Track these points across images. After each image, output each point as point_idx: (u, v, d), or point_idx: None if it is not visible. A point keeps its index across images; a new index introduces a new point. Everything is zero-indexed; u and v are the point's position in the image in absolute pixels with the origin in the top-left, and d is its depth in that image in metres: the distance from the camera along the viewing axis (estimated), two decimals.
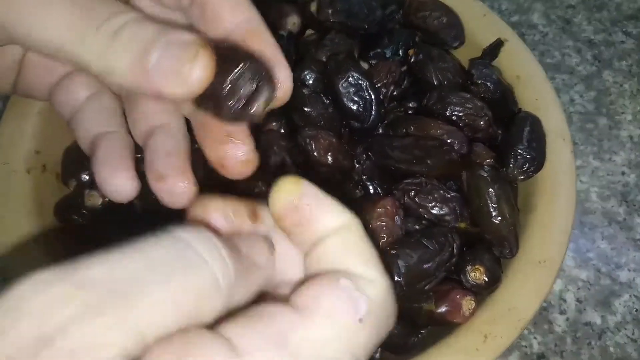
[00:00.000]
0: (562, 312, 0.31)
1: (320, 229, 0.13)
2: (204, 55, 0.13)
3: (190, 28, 0.17)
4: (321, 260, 0.13)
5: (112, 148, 0.17)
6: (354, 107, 0.27)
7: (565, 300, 0.32)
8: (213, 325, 0.11)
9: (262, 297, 0.13)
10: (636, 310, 0.32)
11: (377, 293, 0.12)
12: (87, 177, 0.27)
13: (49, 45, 0.13)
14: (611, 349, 0.30)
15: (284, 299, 0.12)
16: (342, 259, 0.13)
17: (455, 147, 0.26)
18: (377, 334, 0.12)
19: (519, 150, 0.26)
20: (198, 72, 0.13)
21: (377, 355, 0.25)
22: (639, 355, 0.30)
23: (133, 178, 0.17)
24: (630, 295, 0.32)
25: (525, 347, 0.30)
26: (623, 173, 0.36)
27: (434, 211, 0.24)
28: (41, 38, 0.14)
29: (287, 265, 0.14)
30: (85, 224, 0.27)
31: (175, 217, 0.14)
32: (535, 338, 0.30)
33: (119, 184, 0.16)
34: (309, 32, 0.33)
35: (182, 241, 0.11)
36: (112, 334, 0.09)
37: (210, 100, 0.14)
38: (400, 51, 0.31)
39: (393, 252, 0.23)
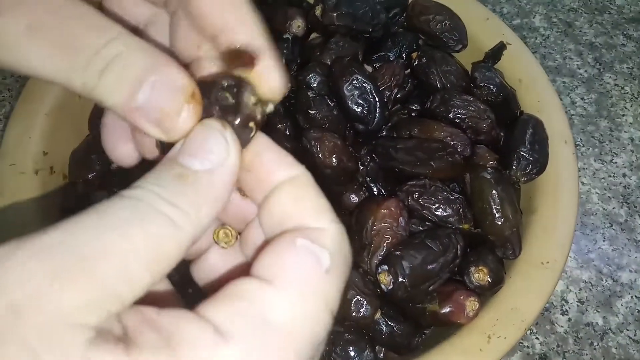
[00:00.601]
0: (564, 313, 0.32)
1: (271, 179, 0.13)
2: (190, 108, 0.13)
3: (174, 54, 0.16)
4: (274, 214, 0.13)
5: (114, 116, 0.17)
6: (358, 110, 0.27)
7: (567, 301, 0.32)
8: (193, 306, 0.11)
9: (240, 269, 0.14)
10: (638, 311, 0.32)
11: (333, 240, 0.12)
12: (94, 178, 0.27)
13: (38, 75, 0.13)
14: (613, 349, 0.31)
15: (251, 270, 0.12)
16: (293, 212, 0.13)
17: (459, 149, 0.26)
18: (343, 277, 0.12)
19: (521, 153, 0.26)
20: (181, 124, 0.13)
21: (381, 355, 0.25)
22: None
23: (133, 148, 0.17)
24: (631, 296, 0.32)
25: (528, 347, 0.30)
26: (624, 175, 0.36)
27: (438, 213, 0.24)
28: (28, 71, 0.13)
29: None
30: None
31: None
32: (537, 338, 0.31)
33: (122, 152, 0.17)
34: (313, 35, 0.33)
35: (128, 198, 0.11)
36: (84, 296, 0.09)
37: None
38: (404, 54, 0.31)
39: (397, 253, 0.23)
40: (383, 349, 0.25)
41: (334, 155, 0.25)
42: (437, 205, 0.24)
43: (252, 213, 0.14)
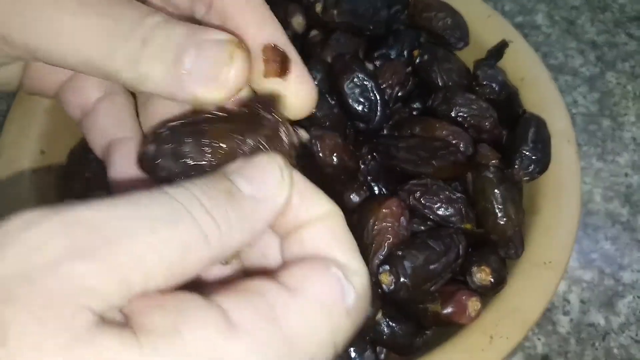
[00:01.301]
0: (565, 313, 0.31)
1: (303, 215, 0.13)
2: (239, 56, 0.13)
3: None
4: (305, 245, 0.13)
5: (127, 156, 0.17)
6: (359, 108, 0.27)
7: (569, 301, 0.32)
8: (207, 293, 0.11)
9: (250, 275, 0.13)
10: None
11: (361, 285, 0.12)
12: (92, 177, 0.27)
13: (76, 59, 0.13)
14: (615, 350, 0.30)
15: (271, 276, 0.12)
16: (328, 247, 0.13)
17: (461, 148, 0.26)
18: (357, 325, 0.12)
19: (524, 152, 0.26)
20: (234, 74, 0.13)
21: (382, 355, 0.25)
22: None
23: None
24: (634, 297, 0.32)
25: (529, 348, 0.30)
26: (626, 174, 0.36)
27: (440, 212, 0.24)
28: (67, 53, 0.13)
29: (266, 249, 0.14)
30: None
31: None
32: (539, 339, 0.30)
33: None
34: (313, 32, 0.33)
35: (168, 195, 0.11)
36: (95, 278, 0.09)
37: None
38: (405, 52, 0.31)
39: (399, 253, 0.23)
40: (384, 350, 0.25)
41: (335, 154, 0.25)
42: (439, 204, 0.24)
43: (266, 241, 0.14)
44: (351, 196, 0.27)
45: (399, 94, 0.30)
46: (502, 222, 0.24)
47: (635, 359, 0.30)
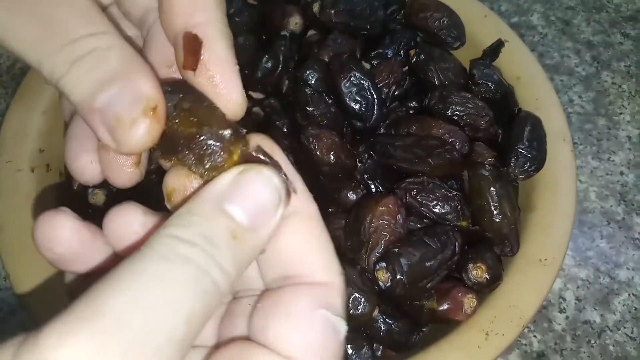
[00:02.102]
0: (561, 311, 0.32)
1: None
2: (142, 125, 0.12)
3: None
4: (284, 263, 0.12)
5: (83, 125, 0.15)
6: (356, 107, 0.27)
7: (564, 299, 0.32)
8: None
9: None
10: (635, 309, 0.32)
11: (342, 297, 0.12)
12: None
13: (8, 48, 0.12)
14: (611, 347, 0.31)
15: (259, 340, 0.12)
16: (302, 257, 0.12)
17: (457, 147, 0.26)
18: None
19: (519, 150, 0.26)
20: (133, 138, 0.12)
21: (379, 353, 0.25)
22: (638, 354, 0.31)
23: (95, 161, 0.15)
24: (629, 294, 0.32)
25: (525, 345, 0.30)
26: (622, 173, 0.37)
27: (436, 210, 0.24)
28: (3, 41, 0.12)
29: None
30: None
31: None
32: (535, 336, 0.31)
33: (82, 165, 0.15)
34: (311, 32, 0.33)
35: (184, 258, 0.10)
36: None
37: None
38: (402, 51, 0.31)
39: (395, 250, 0.23)
40: (381, 347, 0.25)
41: (332, 153, 0.25)
42: (435, 202, 0.24)
43: None
44: (348, 194, 0.27)
45: (396, 93, 0.30)
46: (497, 220, 0.24)
47: (630, 356, 0.31)
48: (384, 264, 0.23)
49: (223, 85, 0.13)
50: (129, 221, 0.13)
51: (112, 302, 0.09)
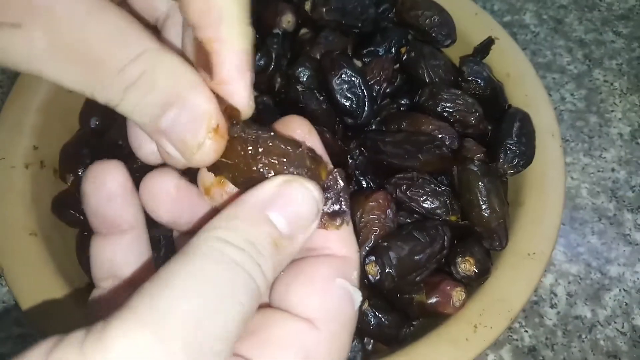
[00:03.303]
0: (552, 306, 0.32)
1: None
2: (210, 143, 0.12)
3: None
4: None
5: None
6: (347, 104, 0.28)
7: (556, 294, 0.32)
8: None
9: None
10: (626, 304, 0.32)
11: (358, 271, 0.13)
12: (84, 173, 0.27)
13: (62, 85, 0.12)
14: (601, 342, 0.31)
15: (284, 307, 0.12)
16: (324, 235, 0.13)
17: (446, 143, 0.26)
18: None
19: (508, 145, 0.26)
20: (200, 157, 0.12)
21: (370, 346, 0.25)
22: (628, 348, 0.31)
23: (156, 152, 0.15)
24: (620, 290, 0.32)
25: (517, 340, 0.30)
26: (613, 170, 0.37)
27: (425, 205, 0.25)
28: (52, 81, 0.12)
29: None
30: (82, 218, 0.27)
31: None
32: (526, 331, 0.31)
33: (144, 154, 0.15)
34: (303, 30, 0.33)
35: (231, 263, 0.11)
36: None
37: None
38: (393, 49, 0.31)
39: (385, 244, 0.23)
40: (372, 341, 0.25)
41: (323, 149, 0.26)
42: (425, 197, 0.25)
43: None
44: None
45: (387, 90, 0.30)
46: (486, 215, 0.24)
47: (621, 351, 0.31)
48: (373, 258, 0.23)
49: (232, 88, 0.13)
50: (164, 183, 0.14)
51: (170, 300, 0.10)
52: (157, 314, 0.10)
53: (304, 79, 0.29)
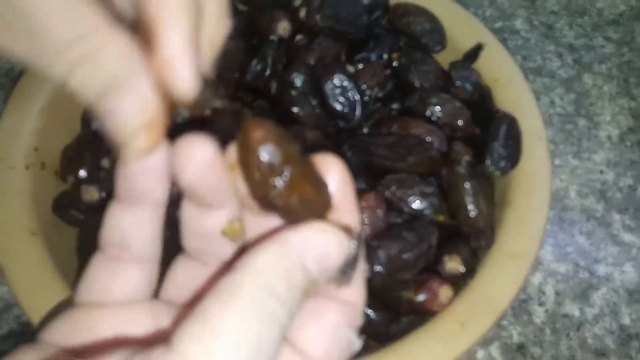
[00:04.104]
0: (541, 304, 0.33)
1: None
2: (146, 134, 0.12)
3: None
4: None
5: None
6: (340, 108, 0.29)
7: (544, 293, 0.33)
8: None
9: None
10: (614, 303, 0.33)
11: (362, 319, 0.15)
12: (84, 174, 0.28)
13: (8, 55, 0.12)
14: (589, 340, 0.32)
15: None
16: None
17: (435, 145, 0.27)
18: None
19: (495, 147, 0.27)
20: (135, 148, 0.13)
21: (361, 342, 0.26)
22: (616, 347, 0.32)
23: None
24: (608, 289, 0.33)
25: (505, 337, 0.31)
26: (602, 171, 0.38)
27: (414, 205, 0.25)
28: None
29: None
30: (83, 219, 0.28)
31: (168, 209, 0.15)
32: (515, 329, 0.32)
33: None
34: (299, 37, 0.34)
35: (270, 310, 0.12)
36: None
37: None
38: (385, 55, 0.32)
39: (374, 243, 0.24)
40: (364, 337, 0.26)
41: (316, 151, 0.26)
42: (413, 197, 0.25)
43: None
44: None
45: (379, 94, 0.31)
46: (473, 215, 0.25)
47: (609, 349, 0.31)
48: None
49: (173, 69, 0.13)
50: (203, 145, 0.13)
51: (225, 324, 0.11)
52: (216, 338, 0.11)
53: (298, 84, 0.30)
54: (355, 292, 0.14)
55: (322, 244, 0.13)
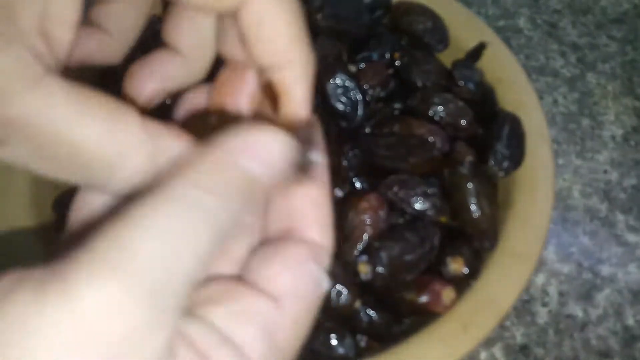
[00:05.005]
0: (544, 305, 0.32)
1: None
2: None
3: None
4: (287, 215, 0.14)
5: None
6: (342, 107, 0.28)
7: (547, 293, 0.33)
8: (193, 306, 0.11)
9: None
10: (618, 304, 0.33)
11: (329, 259, 0.14)
12: None
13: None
14: (593, 341, 0.31)
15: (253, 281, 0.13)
16: (307, 222, 0.14)
17: (437, 145, 0.27)
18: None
19: (498, 148, 0.27)
20: None
21: (363, 343, 0.26)
22: (620, 348, 0.31)
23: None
24: (611, 290, 0.33)
25: (509, 338, 0.31)
26: (605, 171, 0.37)
27: (416, 206, 0.25)
28: None
29: None
30: None
31: None
32: (518, 330, 0.31)
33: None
34: None
35: (202, 205, 0.11)
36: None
37: None
38: (387, 54, 0.32)
39: (376, 244, 0.24)
40: (366, 338, 0.26)
41: None
42: (416, 198, 0.25)
43: None
44: (334, 190, 0.28)
45: (381, 94, 0.31)
46: (475, 216, 0.25)
47: (612, 350, 0.31)
48: (365, 257, 0.24)
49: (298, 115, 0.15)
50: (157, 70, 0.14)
51: (137, 244, 0.10)
52: (123, 260, 0.09)
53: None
54: (323, 230, 0.14)
55: (254, 141, 0.12)
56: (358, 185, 0.28)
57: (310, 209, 0.14)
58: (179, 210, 0.10)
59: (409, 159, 0.26)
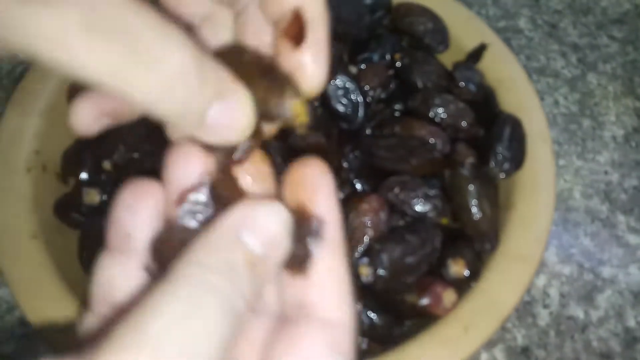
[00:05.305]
0: (545, 306, 0.32)
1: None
2: (249, 139, 0.13)
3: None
4: (301, 285, 0.13)
5: None
6: (342, 109, 0.28)
7: (548, 295, 0.33)
8: None
9: None
10: (619, 306, 0.32)
11: (353, 339, 0.13)
12: (85, 176, 0.28)
13: (93, 82, 0.11)
14: (594, 342, 0.31)
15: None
16: (321, 293, 0.13)
17: (438, 147, 0.27)
18: None
19: (499, 149, 0.27)
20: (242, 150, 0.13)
21: (364, 345, 0.26)
22: (622, 349, 0.31)
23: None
24: (613, 291, 0.33)
25: (510, 339, 0.31)
26: (606, 172, 0.37)
27: (417, 208, 0.25)
28: (82, 77, 0.11)
29: None
30: (84, 221, 0.28)
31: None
32: (519, 331, 0.31)
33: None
34: None
35: (212, 286, 0.11)
36: None
37: None
38: (388, 55, 0.32)
39: (377, 246, 0.24)
40: (367, 340, 0.26)
41: (319, 153, 0.26)
42: (416, 200, 0.25)
43: None
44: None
45: (381, 95, 0.31)
46: (476, 218, 0.25)
47: (614, 352, 0.31)
48: (366, 260, 0.24)
49: (315, 65, 0.14)
50: (191, 160, 0.14)
51: (153, 328, 0.10)
52: (150, 341, 0.10)
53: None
54: (340, 303, 0.13)
55: (253, 216, 0.12)
56: (359, 186, 0.28)
57: (326, 279, 0.13)
58: (189, 294, 0.11)
59: (410, 161, 0.26)
